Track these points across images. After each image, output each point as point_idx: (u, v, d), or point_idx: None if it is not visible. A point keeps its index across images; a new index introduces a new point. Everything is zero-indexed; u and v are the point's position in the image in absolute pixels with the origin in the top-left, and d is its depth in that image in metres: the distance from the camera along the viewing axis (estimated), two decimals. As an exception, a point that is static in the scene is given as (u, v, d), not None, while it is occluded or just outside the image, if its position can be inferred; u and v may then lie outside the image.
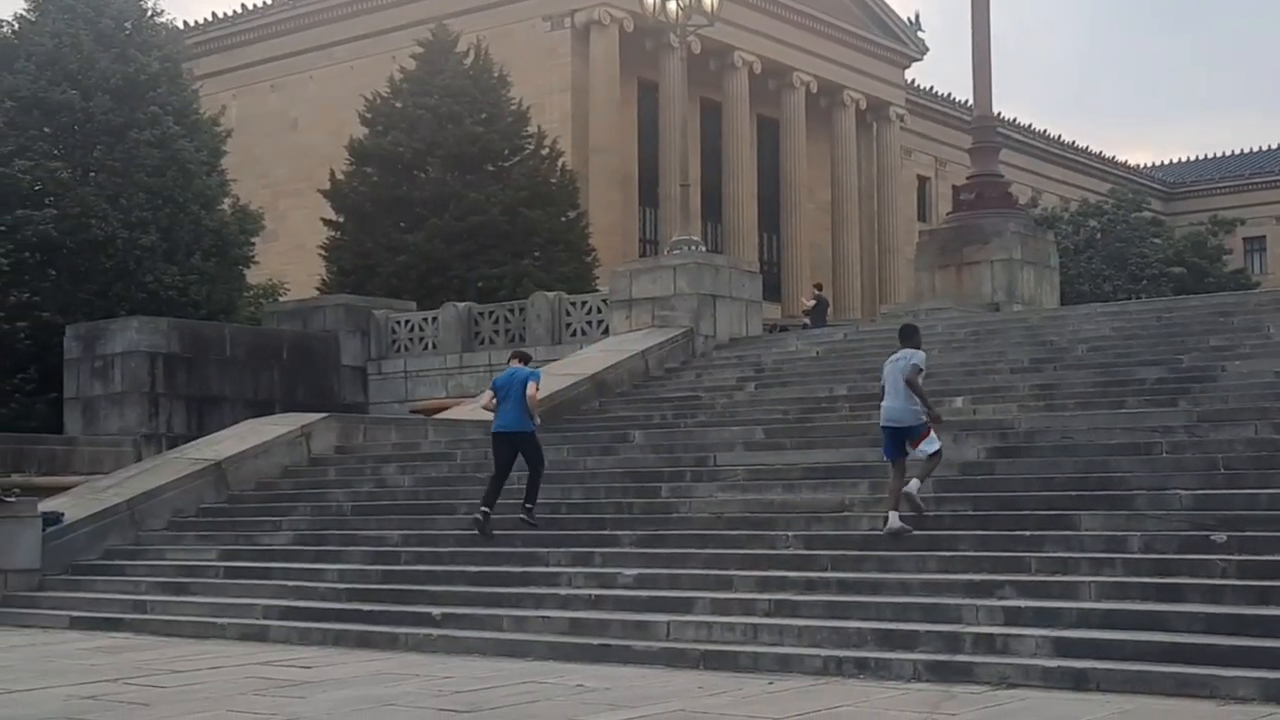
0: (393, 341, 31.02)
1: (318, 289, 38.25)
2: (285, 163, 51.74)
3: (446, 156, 37.37)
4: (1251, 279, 63.00)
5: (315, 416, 21.83)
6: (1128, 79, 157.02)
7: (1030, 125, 72.51)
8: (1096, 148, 79.45)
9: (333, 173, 39.24)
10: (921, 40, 62.18)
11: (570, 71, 49.31)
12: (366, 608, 14.37)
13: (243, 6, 55.42)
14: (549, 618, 13.08)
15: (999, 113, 46.05)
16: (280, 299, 38.01)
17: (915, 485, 13.34)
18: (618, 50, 49.88)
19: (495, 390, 16.13)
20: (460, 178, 37.33)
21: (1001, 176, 32.61)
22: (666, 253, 29.92)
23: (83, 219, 29.21)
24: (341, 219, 38.82)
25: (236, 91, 52.79)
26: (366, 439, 21.65)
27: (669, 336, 25.48)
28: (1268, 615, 10.53)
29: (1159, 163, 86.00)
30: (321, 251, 39.44)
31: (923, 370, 13.85)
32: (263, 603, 15.16)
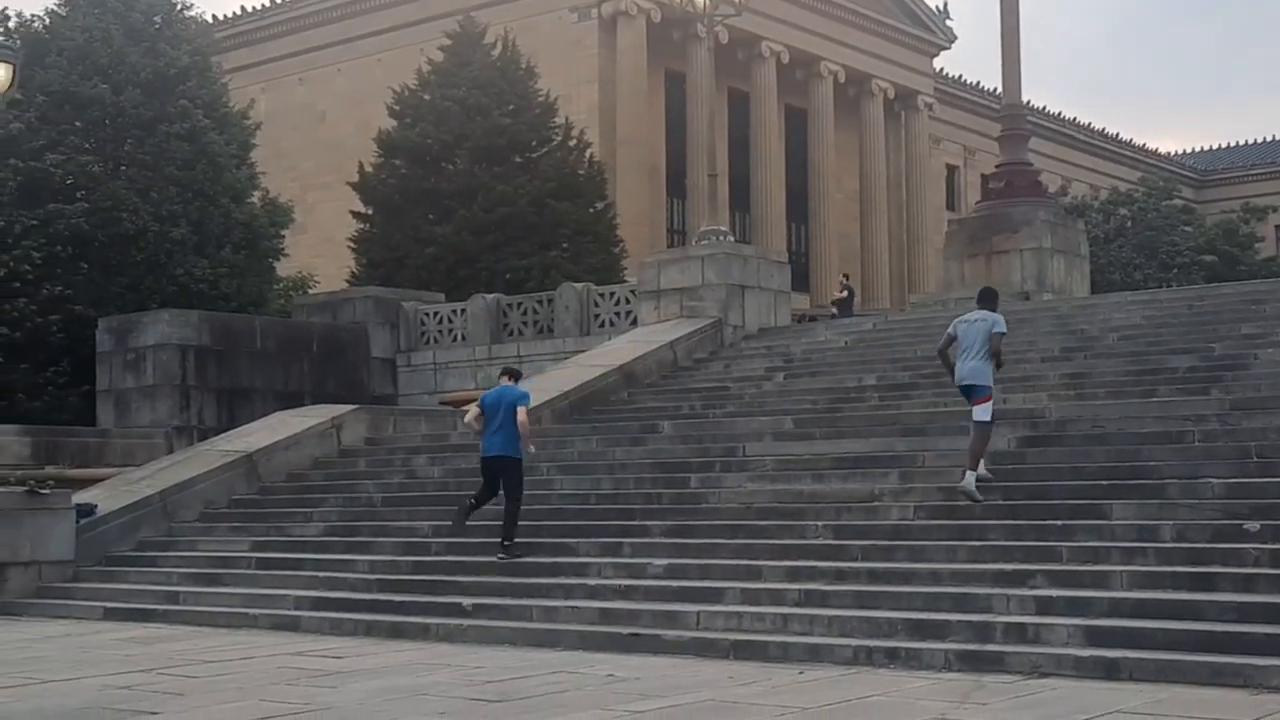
0: (422, 333, 31.10)
1: (347, 281, 38.35)
2: (313, 156, 51.90)
3: (474, 148, 37.41)
4: (1284, 266, 62.56)
5: (345, 408, 21.92)
6: (1158, 65, 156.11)
7: (1060, 113, 72.11)
8: (1127, 135, 79.03)
9: (361, 165, 39.33)
10: (950, 28, 61.90)
11: (597, 63, 49.29)
12: (397, 598, 14.43)
13: (271, 0, 55.57)
14: (578, 608, 13.11)
15: (1028, 100, 45.88)
16: (310, 291, 38.13)
17: (971, 479, 13.54)
18: (645, 41, 49.83)
19: (483, 408, 15.41)
20: (488, 169, 37.36)
21: (1031, 165, 32.47)
22: (694, 243, 29.88)
23: (114, 212, 29.34)
24: (370, 211, 38.92)
25: (265, 85, 52.97)
26: (396, 430, 21.72)
27: (697, 327, 25.46)
28: (1301, 604, 10.47)
29: (1190, 150, 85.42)
30: (350, 244, 39.55)
31: (1004, 335, 14.33)
32: (294, 593, 15.25)
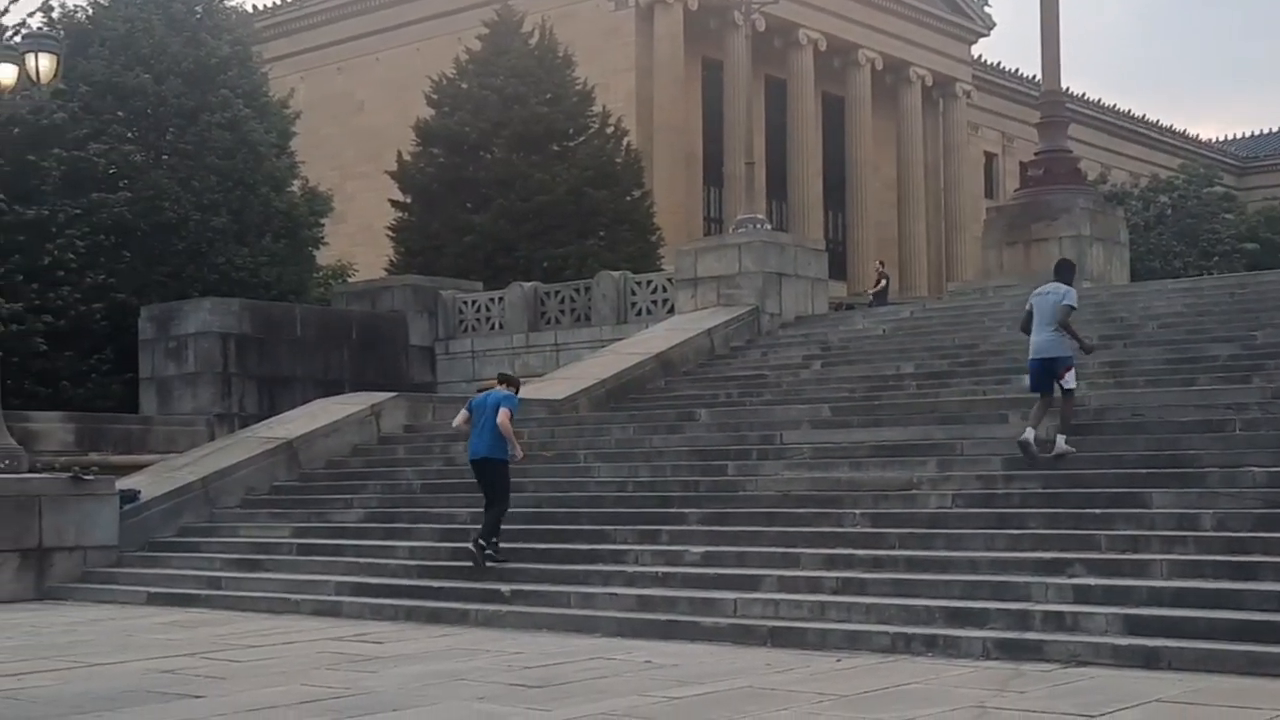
0: (460, 321, 31.23)
1: (386, 270, 38.54)
2: (352, 145, 52.13)
3: (512, 137, 37.50)
4: (1327, 254, 61.93)
5: (384, 396, 22.05)
6: (1198, 50, 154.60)
7: (1099, 100, 71.63)
8: (1167, 121, 78.39)
9: (399, 154, 39.50)
10: (988, 15, 61.57)
11: (634, 51, 49.28)
12: (436, 584, 14.52)
13: (310, -10, 55.83)
14: (617, 595, 13.17)
15: (1067, 87, 45.64)
16: (349, 280, 38.34)
17: (1062, 442, 13.94)
18: (682, 29, 49.79)
19: (471, 411, 15.10)
20: (525, 158, 37.45)
21: (1070, 152, 32.29)
22: (731, 231, 29.90)
23: (156, 201, 29.57)
24: (408, 200, 39.08)
25: (304, 74, 53.22)
26: (435, 418, 21.82)
27: (734, 315, 25.47)
28: (1342, 594, 10.42)
29: (1231, 136, 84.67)
30: (389, 232, 39.73)
31: (1075, 308, 14.66)
32: (335, 579, 15.36)
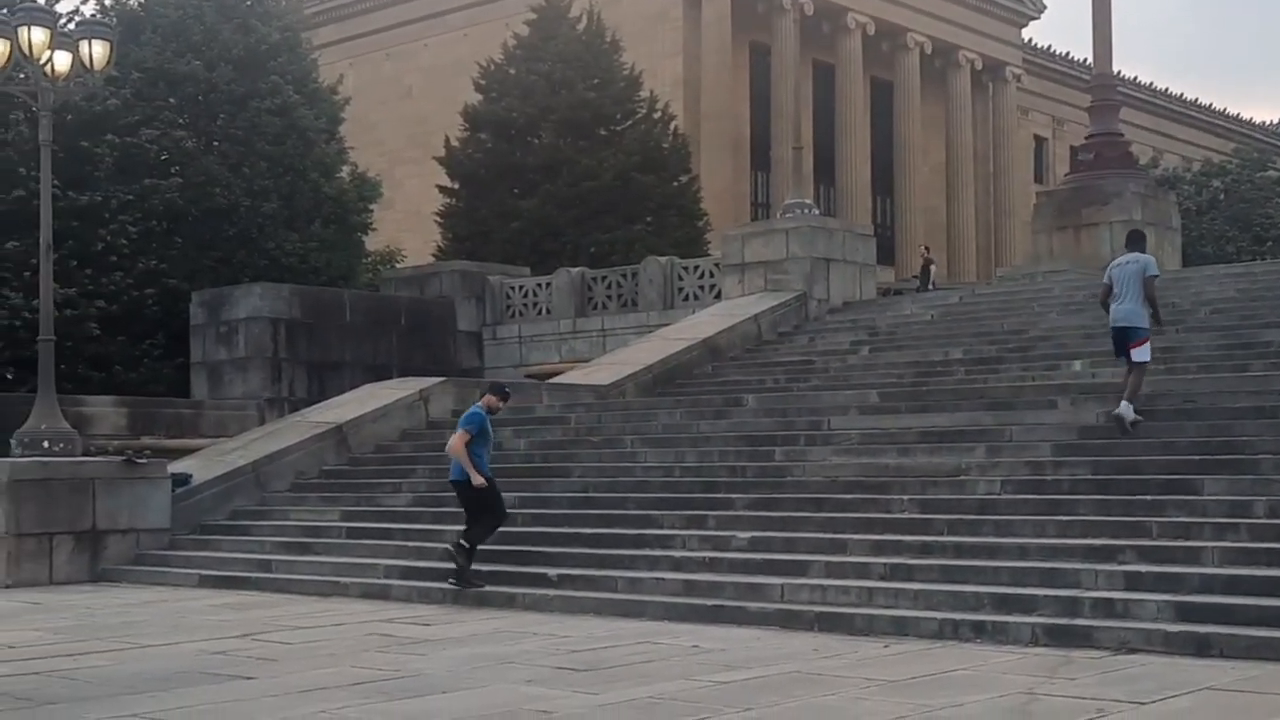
0: (507, 307, 31.32)
1: (434, 255, 38.72)
2: (400, 130, 52.35)
3: (559, 122, 37.56)
4: (1383, 239, 61.05)
5: (433, 381, 22.13)
6: (1252, 32, 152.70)
7: (1151, 83, 70.97)
8: (1220, 105, 77.52)
9: (447, 139, 39.63)
10: (1039, -2, 61.10)
11: (682, 36, 49.22)
12: (484, 568, 14.54)
13: (359, -24, 56.07)
14: (663, 579, 13.18)
15: (1119, 71, 45.17)
16: (397, 265, 38.54)
17: (1128, 408, 14.09)
18: (729, 13, 49.67)
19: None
20: (573, 143, 37.50)
21: (1121, 136, 32.00)
22: (779, 216, 29.82)
23: (207, 187, 29.83)
24: (456, 185, 39.22)
25: (353, 60, 53.48)
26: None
27: (781, 300, 25.42)
28: (1398, 582, 10.30)
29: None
30: (437, 218, 39.90)
31: (1159, 275, 14.88)
32: (384, 562, 15.44)
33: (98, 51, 17.79)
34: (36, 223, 18.71)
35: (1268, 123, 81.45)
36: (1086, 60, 46.79)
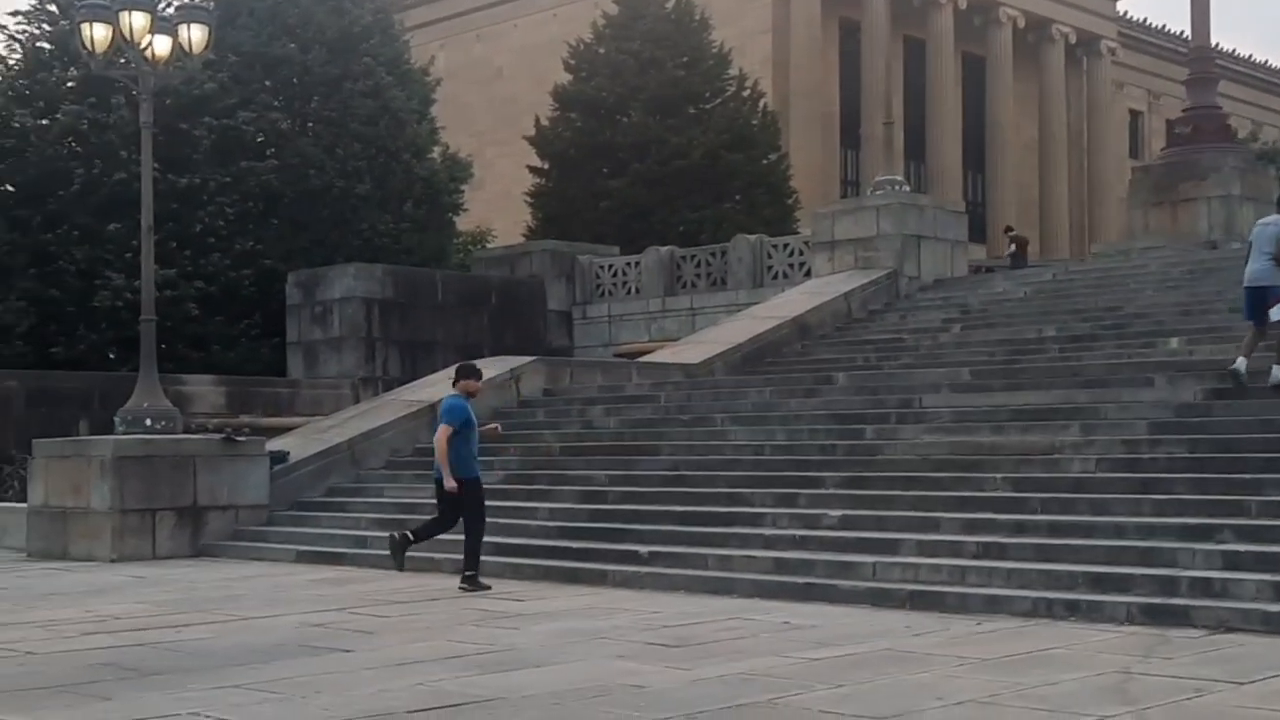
0: (597, 286, 31.45)
1: (524, 235, 38.95)
2: (490, 111, 52.63)
3: (648, 101, 37.58)
4: None
5: (524, 360, 22.29)
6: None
7: (1250, 56, 69.46)
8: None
9: (537, 119, 39.81)
10: (1135, -30, 59.95)
11: (771, 13, 48.99)
12: (576, 545, 14.69)
13: (447, -42, 56.36)
14: (754, 557, 13.21)
15: (1217, 43, 44.27)
16: (488, 246, 38.81)
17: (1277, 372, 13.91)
18: (819, -10, 49.34)
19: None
20: (662, 122, 37.50)
21: (1219, 109, 31.39)
22: (869, 193, 29.64)
23: (301, 169, 30.22)
24: (546, 165, 39.40)
25: (444, 42, 53.84)
26: (573, 381, 22.03)
27: (872, 278, 25.28)
28: None
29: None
30: (527, 198, 40.11)
31: None
32: (476, 539, 15.58)
33: (196, 35, 18.08)
34: (138, 205, 19.07)
35: (1373, 94, 79.35)
36: (1184, 33, 45.95)
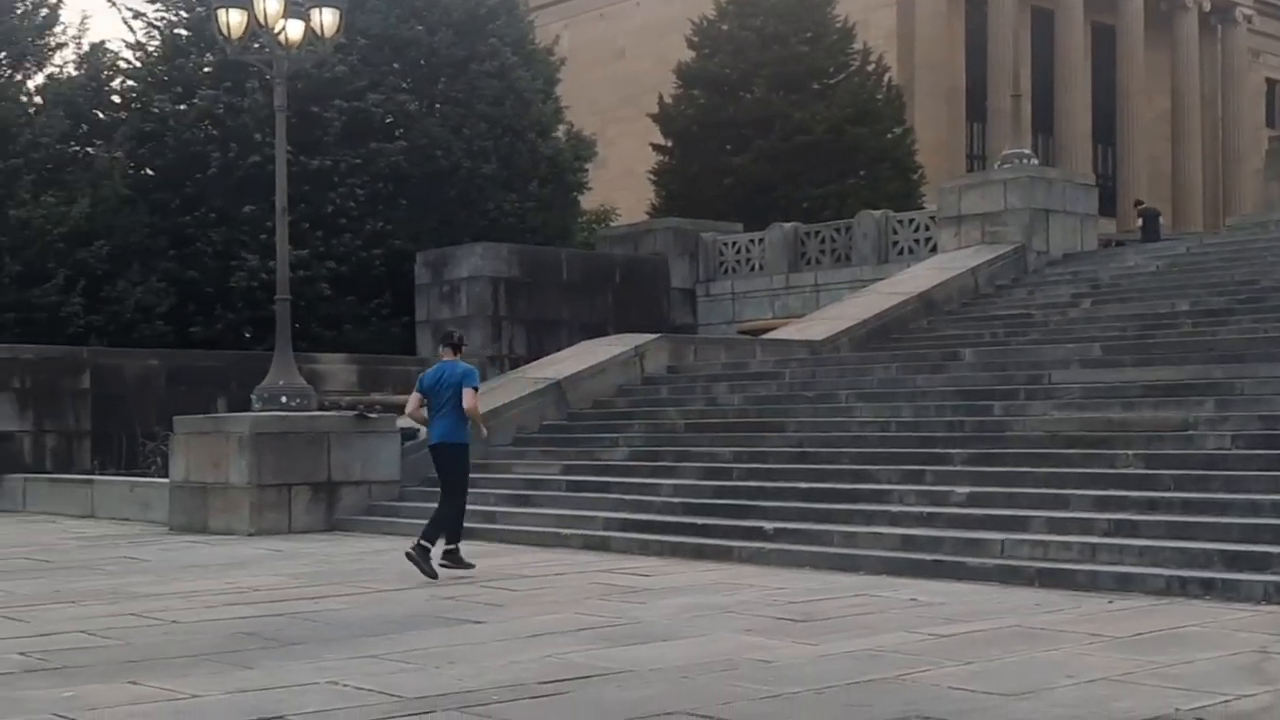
0: (720, 263, 31.45)
1: (647, 213, 39.05)
2: (613, 90, 52.79)
3: (771, 77, 37.43)
4: None
5: (648, 337, 22.40)
6: None
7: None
8: None
9: (660, 97, 39.86)
10: (1273, -67, 58.28)
11: (895, -14, 48.43)
12: (700, 521, 14.77)
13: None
14: (880, 534, 13.18)
15: (1361, 7, 42.89)
16: (611, 224, 38.99)
17: None
18: (944, -39, 48.67)
19: (423, 392, 13.01)
20: (785, 98, 37.33)
21: (1364, 76, 30.42)
22: (996, 167, 29.25)
23: (429, 150, 30.58)
24: (669, 143, 39.45)
25: (567, 22, 54.10)
26: (697, 359, 22.12)
27: (999, 253, 24.98)
28: None
29: None
30: (650, 176, 40.20)
31: None
32: (602, 515, 15.76)
33: (328, 19, 18.41)
34: (271, 187, 19.48)
35: None
36: (1326, -3, 44.65)
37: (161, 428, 21.71)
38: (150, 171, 30.46)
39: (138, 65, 31.34)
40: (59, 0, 30.32)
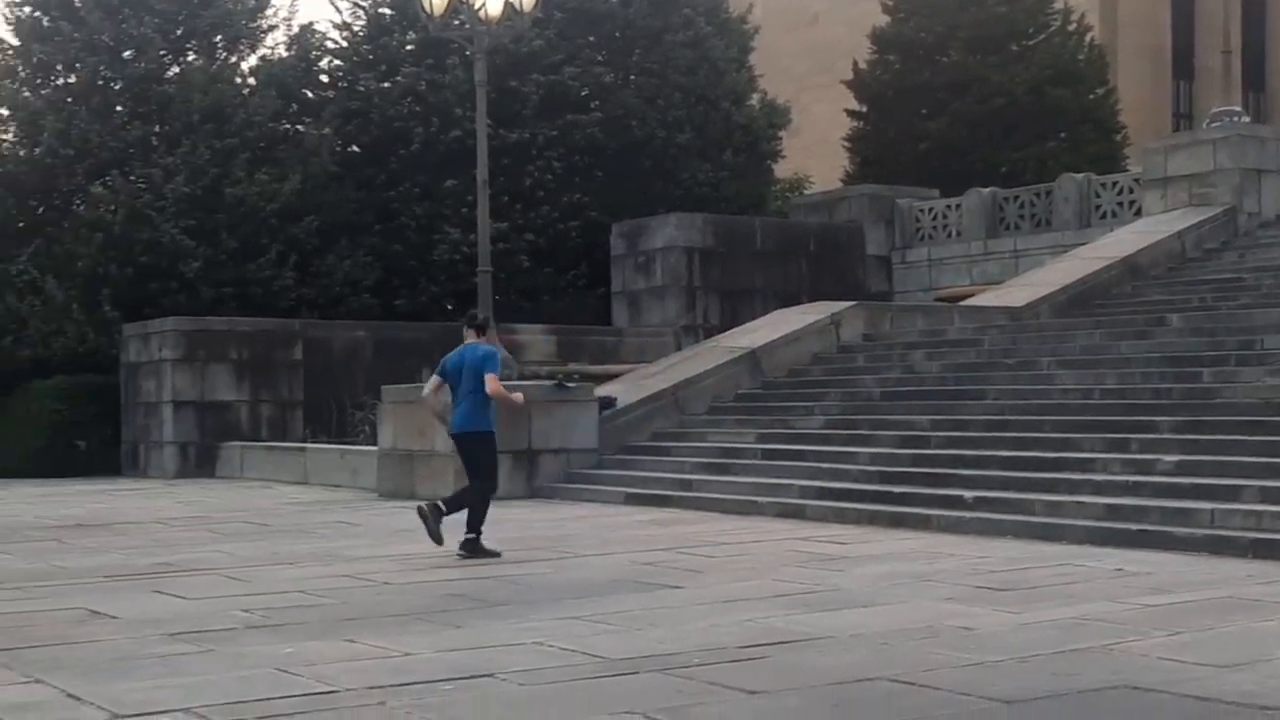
0: (916, 230, 31.07)
1: (841, 180, 38.73)
2: (806, 58, 52.38)
3: (968, 39, 36.70)
4: None
5: (843, 305, 22.31)
6: None
7: None
8: None
9: (855, 63, 39.44)
10: None
11: (1098, -58, 46.99)
12: (898, 489, 14.71)
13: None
14: (1083, 503, 12.95)
15: None
16: (805, 192, 38.77)
17: None
18: (1150, -86, 47.05)
19: (444, 376, 12.63)
20: (982, 60, 36.58)
21: None
22: (1205, 126, 28.24)
23: (624, 121, 30.83)
24: (864, 109, 39.04)
25: (759, -11, 53.77)
26: (893, 326, 21.95)
27: (1207, 215, 24.17)
28: None
29: None
30: (844, 143, 39.85)
31: None
32: (798, 483, 15.79)
33: (527, -6, 18.74)
34: (472, 161, 19.94)
35: None
36: None
37: (369, 397, 22.44)
38: (356, 148, 31.34)
39: (344, 45, 32.24)
40: (269, -16, 31.41)
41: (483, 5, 18.68)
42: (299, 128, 31.28)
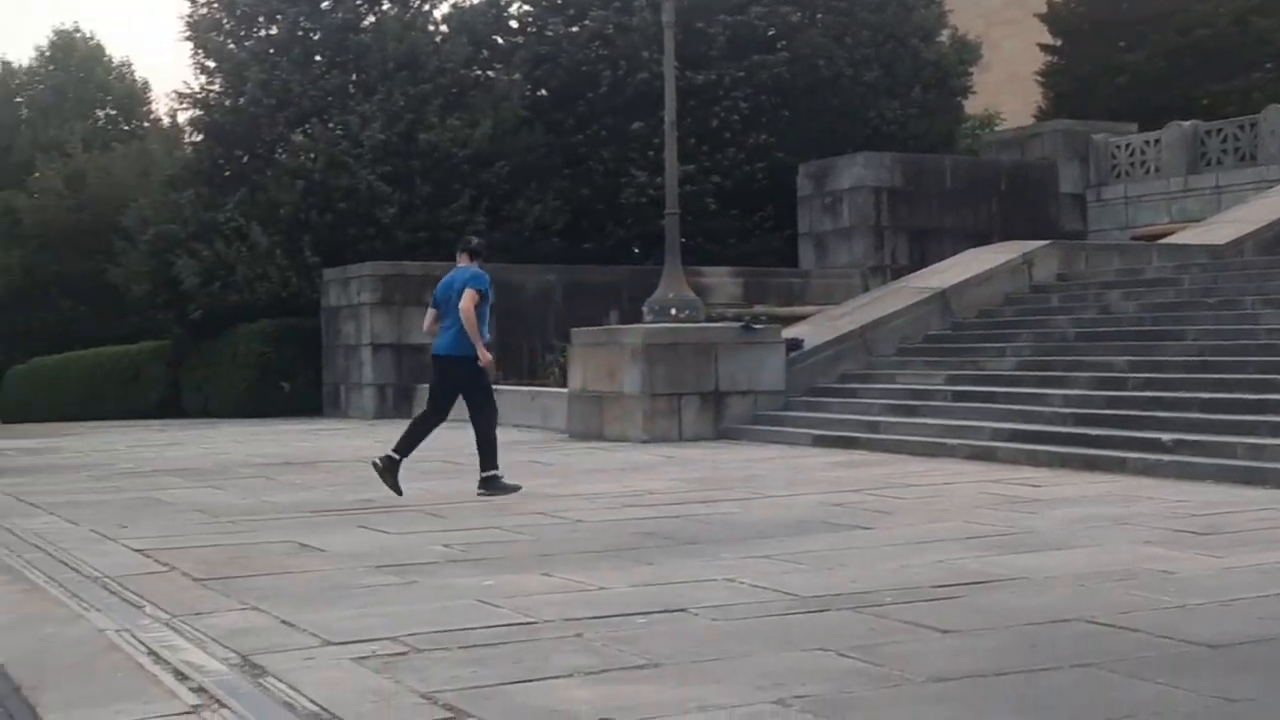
0: (1112, 166, 30.20)
1: (1034, 116, 37.81)
2: (999, -10, 51.07)
3: (1169, -32, 35.41)
4: None
5: (1036, 244, 21.87)
6: None
7: None
8: None
9: (1049, -4, 38.39)
10: None
11: None
12: (1092, 432, 14.43)
13: None
14: (1290, 447, 12.56)
15: None
16: (996, 129, 37.97)
17: None
18: None
19: (435, 305, 12.08)
20: (1185, -12, 35.28)
21: None
22: None
23: (811, 60, 30.57)
24: (1058, 43, 38.00)
25: (950, -80, 52.54)
26: (1088, 266, 21.45)
27: None
28: None
29: None
30: (1037, 78, 38.86)
31: None
32: (988, 425, 15.59)
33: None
34: (659, 103, 20.02)
35: None
36: None
37: (559, 340, 22.79)
38: (545, 93, 31.70)
39: (533, -10, 32.60)
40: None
41: (670, -53, 18.71)
42: (489, 73, 31.74)
